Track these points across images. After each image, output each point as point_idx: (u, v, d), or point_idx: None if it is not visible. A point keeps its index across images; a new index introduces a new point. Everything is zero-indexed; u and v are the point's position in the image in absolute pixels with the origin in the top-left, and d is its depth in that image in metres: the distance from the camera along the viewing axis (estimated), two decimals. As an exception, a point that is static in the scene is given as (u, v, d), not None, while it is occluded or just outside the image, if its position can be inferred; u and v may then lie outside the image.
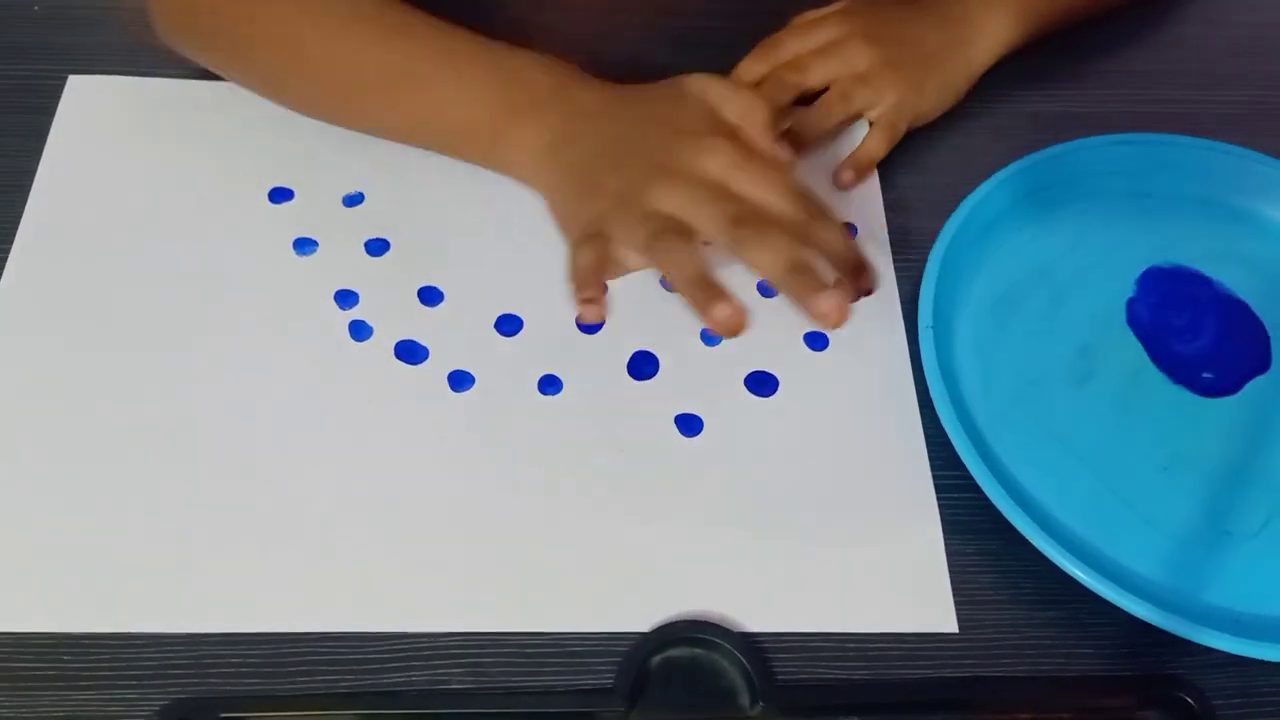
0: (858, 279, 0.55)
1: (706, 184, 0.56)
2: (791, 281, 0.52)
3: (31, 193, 0.65)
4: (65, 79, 0.69)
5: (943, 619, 0.56)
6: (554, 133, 0.61)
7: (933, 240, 0.64)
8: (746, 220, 0.54)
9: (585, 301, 0.53)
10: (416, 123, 0.65)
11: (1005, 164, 0.68)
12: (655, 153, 0.57)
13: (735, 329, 0.51)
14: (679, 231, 0.54)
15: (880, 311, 0.66)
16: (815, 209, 0.56)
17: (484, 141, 0.63)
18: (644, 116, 0.60)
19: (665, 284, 0.65)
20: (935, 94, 0.72)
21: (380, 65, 0.64)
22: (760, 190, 0.56)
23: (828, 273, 0.54)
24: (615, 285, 0.63)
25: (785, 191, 0.56)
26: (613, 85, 0.63)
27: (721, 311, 0.51)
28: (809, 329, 0.65)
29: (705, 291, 0.52)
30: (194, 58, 0.69)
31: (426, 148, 0.67)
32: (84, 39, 0.72)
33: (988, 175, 0.67)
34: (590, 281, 0.54)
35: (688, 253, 0.53)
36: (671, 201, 0.55)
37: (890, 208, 0.70)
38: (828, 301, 0.50)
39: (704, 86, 0.61)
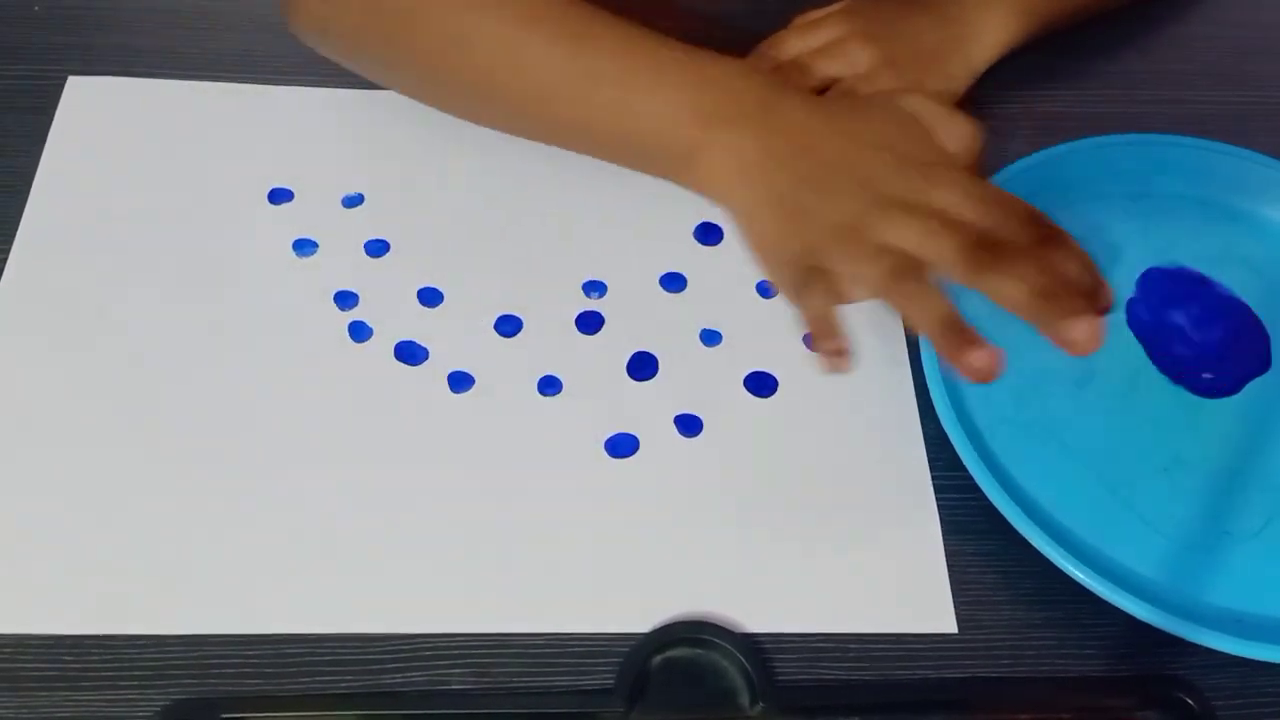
0: (1094, 301, 0.52)
1: (937, 215, 0.52)
2: (1039, 309, 0.48)
3: (31, 193, 0.65)
4: (65, 79, 0.69)
5: (942, 620, 0.56)
6: (755, 150, 0.57)
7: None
8: (984, 247, 0.50)
9: (835, 354, 0.51)
10: (602, 130, 0.61)
11: (1006, 164, 0.68)
12: (879, 182, 0.54)
13: (990, 375, 0.48)
14: (917, 270, 0.51)
15: (880, 311, 0.65)
16: (1049, 231, 0.53)
17: (676, 153, 0.59)
18: (857, 139, 0.57)
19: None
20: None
21: (565, 66, 0.60)
22: (996, 218, 0.52)
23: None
24: (616, 287, 0.64)
25: (1022, 216, 0.53)
26: (819, 101, 0.59)
27: (979, 359, 0.48)
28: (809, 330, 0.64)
29: (959, 336, 0.49)
30: (337, 54, 0.67)
31: (607, 158, 0.63)
32: (84, 39, 0.71)
33: (988, 176, 0.66)
34: (832, 330, 0.51)
35: (933, 295, 0.50)
36: (902, 235, 0.52)
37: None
38: (1077, 329, 0.47)
39: (920, 107, 0.58)
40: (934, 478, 0.60)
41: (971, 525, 0.59)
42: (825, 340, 0.51)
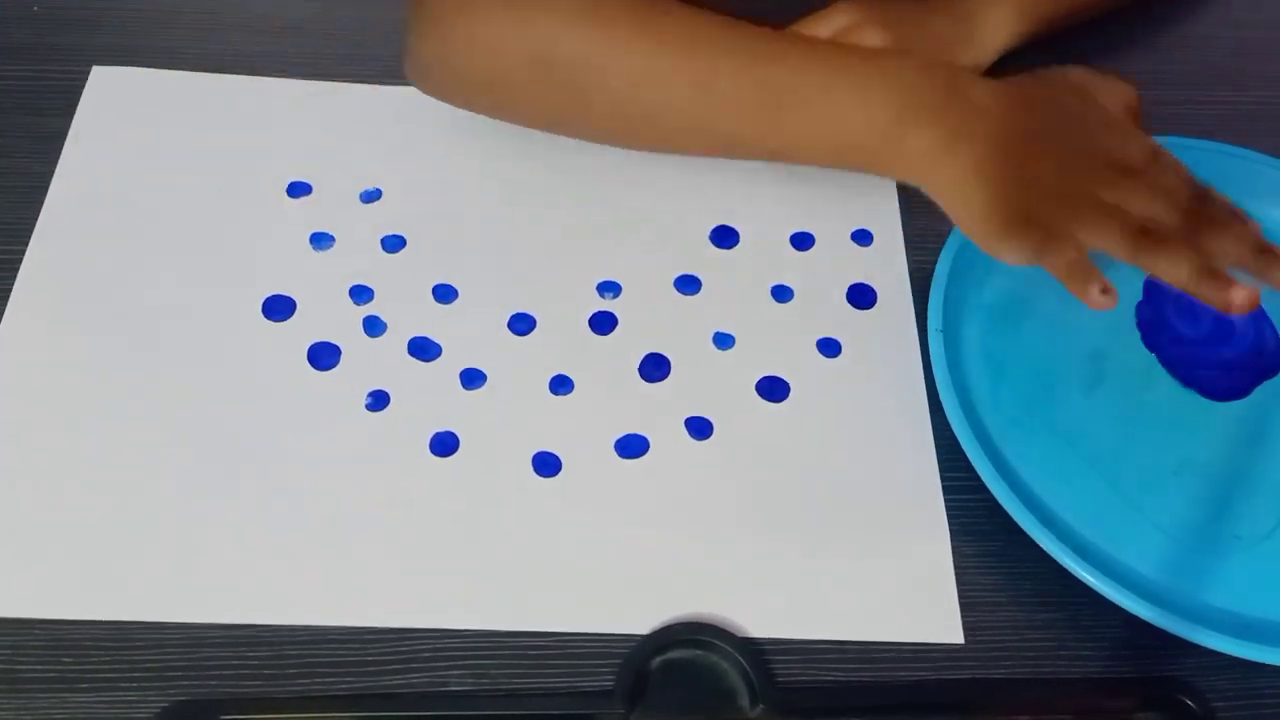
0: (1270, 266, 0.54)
1: (1158, 177, 0.54)
2: (1197, 286, 0.51)
3: (51, 185, 0.61)
4: (66, 79, 0.65)
5: (949, 631, 0.53)
6: (950, 132, 0.56)
7: (943, 242, 0.61)
8: (1198, 215, 0.53)
9: (1104, 291, 0.50)
10: (801, 139, 0.59)
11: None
12: (1094, 148, 0.55)
13: (1249, 306, 0.50)
14: (1156, 231, 0.52)
15: (894, 315, 0.62)
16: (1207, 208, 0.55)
17: (872, 149, 0.58)
18: (1052, 108, 0.57)
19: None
20: None
21: (761, 86, 0.58)
22: (1180, 178, 0.55)
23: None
24: (631, 288, 0.61)
25: (1189, 181, 0.55)
26: (995, 81, 0.58)
27: (1240, 296, 0.50)
28: (822, 335, 0.61)
29: (1216, 280, 0.50)
30: (467, 99, 0.64)
31: (798, 162, 0.62)
32: (83, 39, 0.67)
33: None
34: (1090, 273, 0.50)
35: (1182, 251, 0.51)
36: (1132, 199, 0.53)
37: (902, 210, 0.66)
38: (1236, 296, 0.50)
39: (1084, 78, 0.58)
40: (943, 478, 0.57)
41: (975, 526, 0.55)
42: (1090, 284, 0.50)
